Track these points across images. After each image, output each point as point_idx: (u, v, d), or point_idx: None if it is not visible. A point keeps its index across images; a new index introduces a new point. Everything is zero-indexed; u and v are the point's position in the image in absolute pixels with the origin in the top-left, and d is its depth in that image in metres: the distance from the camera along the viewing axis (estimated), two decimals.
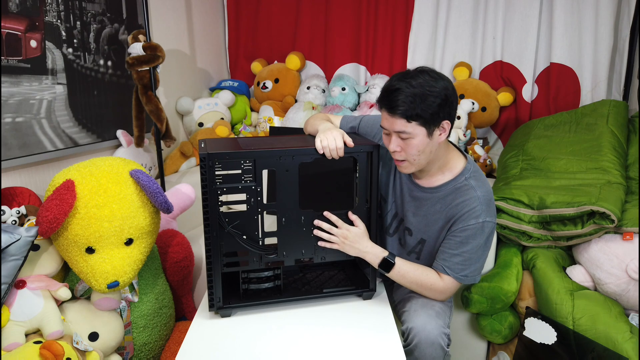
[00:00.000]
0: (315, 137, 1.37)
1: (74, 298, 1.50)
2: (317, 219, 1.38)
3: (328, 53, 2.95)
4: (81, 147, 1.97)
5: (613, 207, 1.56)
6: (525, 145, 2.14)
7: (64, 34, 1.88)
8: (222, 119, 2.79)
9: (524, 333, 1.63)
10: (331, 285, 1.51)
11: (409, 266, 1.41)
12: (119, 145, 2.17)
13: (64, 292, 1.41)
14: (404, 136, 1.28)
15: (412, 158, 1.32)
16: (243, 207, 1.34)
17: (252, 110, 3.06)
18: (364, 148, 1.36)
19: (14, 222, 1.46)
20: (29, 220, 1.49)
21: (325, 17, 2.90)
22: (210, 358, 1.21)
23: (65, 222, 1.35)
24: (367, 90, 2.77)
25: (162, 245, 1.76)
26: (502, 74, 2.60)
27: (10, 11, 1.65)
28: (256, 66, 3.06)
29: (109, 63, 2.12)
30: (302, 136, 1.56)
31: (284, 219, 1.36)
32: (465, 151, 2.52)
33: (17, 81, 1.68)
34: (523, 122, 2.48)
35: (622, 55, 2.27)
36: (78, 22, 1.94)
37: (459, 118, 2.48)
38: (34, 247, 1.43)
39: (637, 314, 1.53)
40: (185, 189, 1.89)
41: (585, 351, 1.47)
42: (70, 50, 1.91)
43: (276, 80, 2.93)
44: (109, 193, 1.39)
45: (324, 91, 2.86)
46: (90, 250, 1.39)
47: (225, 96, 2.84)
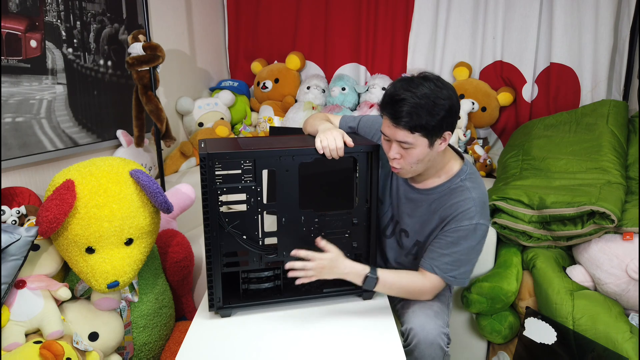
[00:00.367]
0: (315, 137, 1.37)
1: (74, 298, 1.50)
2: (288, 262, 1.32)
3: (328, 53, 2.95)
4: (81, 147, 1.97)
5: (613, 207, 1.56)
6: (525, 145, 2.14)
7: (64, 34, 1.88)
8: (222, 119, 2.79)
9: (524, 333, 1.63)
10: (331, 285, 1.51)
11: (394, 275, 1.38)
12: (119, 145, 2.17)
13: (64, 292, 1.41)
14: (405, 146, 1.27)
15: (410, 166, 1.31)
16: (243, 207, 1.34)
17: (252, 110, 3.06)
18: (363, 148, 1.36)
19: (14, 222, 1.46)
20: (29, 220, 1.49)
21: (325, 17, 2.90)
22: (210, 358, 1.21)
23: (65, 222, 1.35)
24: (367, 90, 2.77)
25: (162, 245, 1.76)
26: (502, 74, 2.60)
27: (10, 11, 1.65)
28: (256, 66, 3.06)
29: (109, 63, 2.12)
30: (302, 136, 1.56)
31: (284, 219, 1.36)
32: (465, 151, 2.52)
33: (17, 81, 1.68)
34: (523, 122, 2.47)
35: (622, 55, 2.27)
36: (78, 22, 1.94)
37: (459, 118, 2.47)
38: (34, 247, 1.43)
39: (637, 314, 1.53)
40: (185, 189, 1.89)
41: (585, 351, 1.47)
42: (70, 50, 1.91)
43: (276, 80, 2.93)
44: (109, 193, 1.39)
45: (324, 91, 2.86)
46: (90, 250, 1.39)
47: (225, 96, 2.84)
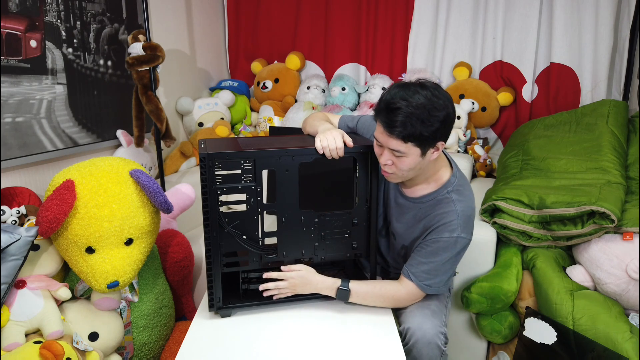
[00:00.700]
0: (315, 138, 1.37)
1: (74, 298, 1.50)
2: (261, 284, 1.39)
3: (328, 53, 2.95)
4: (81, 147, 1.97)
5: (613, 207, 1.56)
6: (525, 145, 2.14)
7: (64, 34, 1.88)
8: (222, 119, 2.79)
9: (524, 333, 1.63)
10: None
11: (366, 286, 1.40)
12: (119, 145, 2.17)
13: (64, 292, 1.41)
14: (397, 154, 1.26)
15: (401, 172, 1.30)
16: (243, 207, 1.34)
17: (252, 110, 3.06)
18: (363, 148, 1.36)
19: (14, 222, 1.46)
20: (29, 220, 1.49)
21: (325, 17, 2.90)
22: (210, 358, 1.21)
23: (65, 222, 1.35)
24: (367, 90, 2.77)
25: (162, 245, 1.76)
26: (502, 74, 2.60)
27: (10, 11, 1.65)
28: (256, 66, 3.06)
29: (109, 63, 2.12)
30: (302, 136, 1.56)
31: (284, 219, 1.36)
32: (465, 151, 2.52)
33: (17, 81, 1.68)
34: (523, 122, 2.47)
35: (622, 55, 2.27)
36: (78, 22, 1.94)
37: (459, 118, 2.48)
38: (34, 247, 1.43)
39: (637, 314, 1.53)
40: (185, 189, 1.89)
41: (585, 351, 1.47)
42: (70, 50, 1.91)
43: (276, 80, 2.93)
44: (109, 193, 1.39)
45: (324, 91, 2.86)
46: (90, 250, 1.39)
47: (225, 96, 2.84)
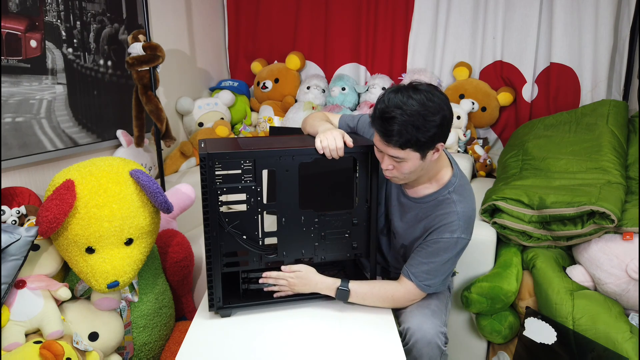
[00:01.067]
0: (315, 137, 1.37)
1: (74, 298, 1.50)
2: (261, 279, 1.42)
3: (328, 53, 2.95)
4: (81, 147, 1.97)
5: (613, 207, 1.56)
6: (525, 145, 2.14)
7: (64, 34, 1.88)
8: (222, 119, 2.79)
9: (524, 333, 1.63)
10: None
11: (365, 286, 1.40)
12: (119, 145, 2.17)
13: (64, 292, 1.41)
14: (397, 160, 1.26)
15: (402, 176, 1.31)
16: (243, 207, 1.34)
17: (252, 110, 3.06)
18: (364, 148, 1.36)
19: (14, 222, 1.46)
20: (29, 220, 1.49)
21: (325, 17, 2.90)
22: (210, 358, 1.21)
23: (65, 222, 1.35)
24: (367, 90, 2.77)
25: (162, 245, 1.76)
26: (502, 74, 2.60)
27: (10, 11, 1.65)
28: (256, 66, 3.06)
29: (109, 63, 2.12)
30: (302, 136, 1.56)
31: (284, 219, 1.36)
32: (465, 151, 2.52)
33: (17, 81, 1.68)
34: (523, 122, 2.47)
35: (622, 55, 2.27)
36: (78, 22, 1.94)
37: (458, 118, 2.48)
38: (34, 247, 1.43)
39: (637, 314, 1.53)
40: (185, 189, 1.89)
41: (585, 351, 1.47)
42: (70, 50, 1.91)
43: (276, 80, 2.93)
44: (109, 193, 1.39)
45: (324, 91, 2.86)
46: (90, 250, 1.39)
47: (225, 96, 2.84)
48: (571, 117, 2.18)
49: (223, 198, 1.31)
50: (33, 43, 1.74)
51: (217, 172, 1.28)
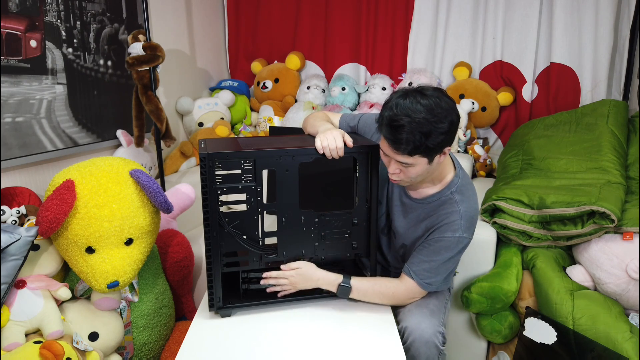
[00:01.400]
0: (315, 137, 1.37)
1: (74, 298, 1.50)
2: (262, 279, 1.41)
3: (328, 53, 2.95)
4: (81, 147, 1.97)
5: (613, 207, 1.56)
6: (525, 145, 2.14)
7: (64, 33, 1.88)
8: (222, 118, 2.79)
9: (524, 333, 1.62)
10: None
11: (367, 283, 1.41)
12: (119, 145, 2.17)
13: (64, 292, 1.41)
14: (405, 165, 1.27)
15: (409, 179, 1.32)
16: (243, 207, 1.34)
17: (252, 110, 3.06)
18: (364, 148, 1.36)
19: (14, 222, 1.46)
20: (29, 220, 1.49)
21: (325, 17, 2.90)
22: (210, 358, 1.21)
23: (65, 222, 1.35)
24: (367, 90, 2.77)
25: (162, 245, 1.76)
26: (502, 74, 2.60)
27: (10, 11, 1.65)
28: (256, 66, 3.06)
29: (109, 63, 2.12)
30: (302, 136, 1.55)
31: (284, 219, 1.36)
32: (465, 151, 2.52)
33: (17, 81, 1.68)
34: (523, 122, 2.47)
35: (622, 55, 2.28)
36: (78, 22, 1.94)
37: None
38: (34, 247, 1.43)
39: (637, 314, 1.53)
40: (185, 188, 1.89)
41: (585, 351, 1.47)
42: (70, 50, 1.91)
43: (276, 80, 2.93)
44: (109, 193, 1.39)
45: (324, 91, 2.86)
46: (90, 250, 1.39)
47: (225, 96, 2.84)
48: (571, 117, 2.18)
49: (223, 198, 1.31)
50: (33, 43, 1.74)
51: (217, 172, 1.28)
